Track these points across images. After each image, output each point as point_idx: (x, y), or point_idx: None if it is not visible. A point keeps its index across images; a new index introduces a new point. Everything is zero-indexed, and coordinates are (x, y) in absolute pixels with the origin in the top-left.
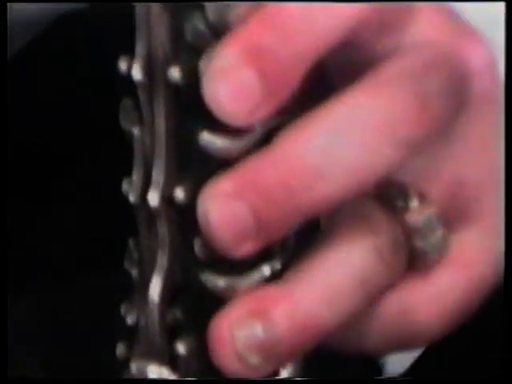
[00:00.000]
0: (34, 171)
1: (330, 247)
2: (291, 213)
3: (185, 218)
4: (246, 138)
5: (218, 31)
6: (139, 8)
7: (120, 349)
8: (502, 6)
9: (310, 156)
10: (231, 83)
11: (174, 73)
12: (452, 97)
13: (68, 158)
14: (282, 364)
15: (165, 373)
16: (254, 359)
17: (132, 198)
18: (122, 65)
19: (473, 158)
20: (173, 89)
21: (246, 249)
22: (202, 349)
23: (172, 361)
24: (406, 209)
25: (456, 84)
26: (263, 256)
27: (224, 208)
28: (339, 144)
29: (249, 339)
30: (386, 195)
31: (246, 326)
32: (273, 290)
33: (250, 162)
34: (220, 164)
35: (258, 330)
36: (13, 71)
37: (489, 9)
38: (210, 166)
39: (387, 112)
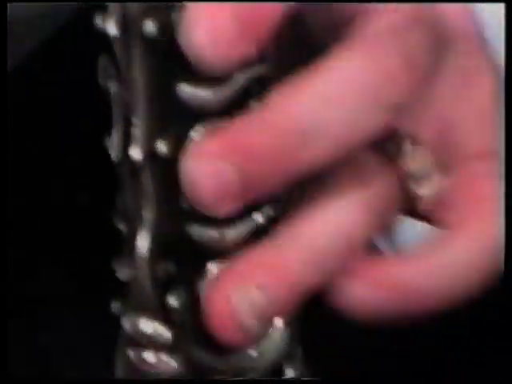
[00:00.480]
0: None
1: (318, 205)
2: (277, 175)
3: (169, 171)
4: (225, 88)
5: None
6: None
7: (115, 305)
8: (501, 6)
9: (299, 119)
10: (205, 27)
11: (149, 26)
12: (435, 49)
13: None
14: (271, 323)
15: (157, 326)
16: (252, 324)
17: (114, 154)
18: (98, 20)
19: (457, 97)
20: (149, 42)
21: (227, 208)
22: (194, 301)
23: (165, 314)
24: (400, 154)
25: (437, 35)
26: (254, 206)
27: (208, 167)
28: (327, 107)
29: (250, 307)
30: (377, 143)
31: (243, 295)
32: (259, 254)
33: (237, 123)
34: (201, 115)
35: (255, 296)
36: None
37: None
38: (191, 118)
39: (373, 75)
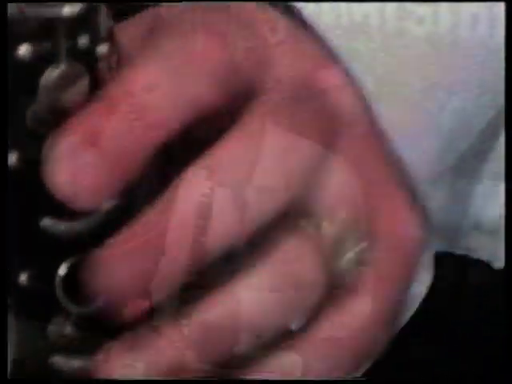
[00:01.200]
0: None
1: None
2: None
3: (32, 303)
4: (89, 219)
5: (56, 115)
6: None
7: None
8: (501, 6)
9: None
10: (71, 168)
11: (13, 159)
12: (323, 124)
13: None
14: None
15: None
16: None
17: None
18: None
19: (355, 178)
20: (12, 174)
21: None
22: None
23: None
24: (319, 229)
25: (324, 111)
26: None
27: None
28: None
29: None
30: (295, 222)
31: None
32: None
33: None
34: (64, 246)
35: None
36: None
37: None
38: (53, 249)
39: (274, 146)
